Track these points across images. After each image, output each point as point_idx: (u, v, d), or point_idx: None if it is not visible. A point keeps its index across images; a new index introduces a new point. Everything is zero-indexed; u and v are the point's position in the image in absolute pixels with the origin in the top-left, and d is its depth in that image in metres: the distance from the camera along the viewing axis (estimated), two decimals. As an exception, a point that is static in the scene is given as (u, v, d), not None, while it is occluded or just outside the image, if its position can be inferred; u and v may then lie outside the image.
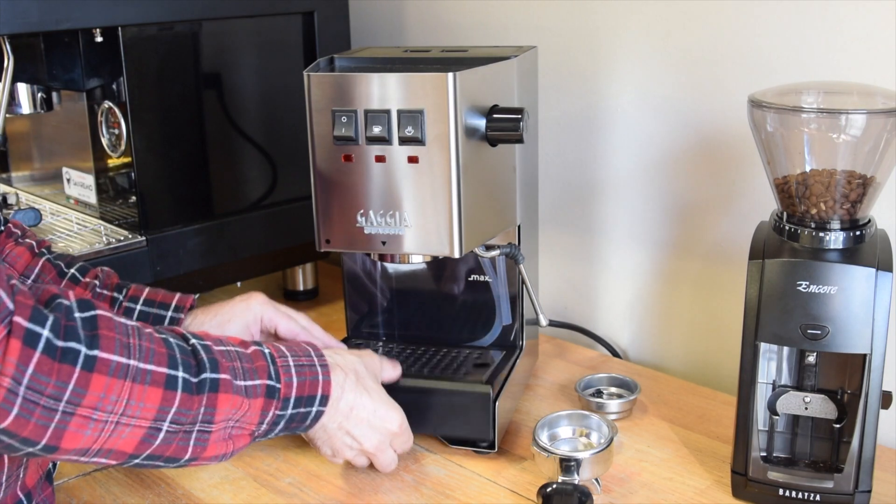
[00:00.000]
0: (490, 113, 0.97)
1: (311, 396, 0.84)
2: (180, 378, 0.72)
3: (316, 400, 0.84)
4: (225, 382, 0.75)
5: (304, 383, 0.83)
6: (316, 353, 0.87)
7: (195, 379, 0.73)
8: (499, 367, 1.08)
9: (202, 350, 0.75)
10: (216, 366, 0.75)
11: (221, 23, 1.28)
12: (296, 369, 0.83)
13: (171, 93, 1.25)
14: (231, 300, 1.04)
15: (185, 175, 1.29)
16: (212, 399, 0.74)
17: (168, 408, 0.71)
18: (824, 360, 0.93)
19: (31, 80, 1.30)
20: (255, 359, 0.80)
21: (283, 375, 0.81)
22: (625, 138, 1.29)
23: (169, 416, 0.71)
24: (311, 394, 0.84)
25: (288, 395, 0.82)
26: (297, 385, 0.82)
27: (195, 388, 0.73)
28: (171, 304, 1.00)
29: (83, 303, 0.68)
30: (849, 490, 0.90)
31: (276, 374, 0.81)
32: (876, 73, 1.03)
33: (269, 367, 0.81)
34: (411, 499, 0.97)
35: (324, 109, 0.96)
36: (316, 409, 0.84)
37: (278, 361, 0.82)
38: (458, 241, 0.96)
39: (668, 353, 1.32)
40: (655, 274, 1.31)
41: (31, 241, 1.01)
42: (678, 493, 0.97)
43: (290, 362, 0.83)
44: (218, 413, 0.75)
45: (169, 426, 0.72)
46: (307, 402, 0.83)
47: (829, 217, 0.90)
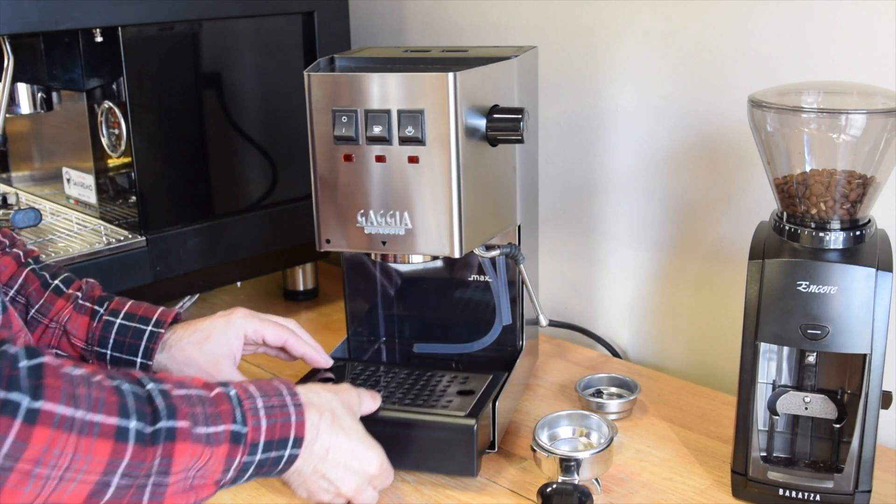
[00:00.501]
0: (490, 113, 0.97)
1: (282, 439, 0.78)
2: (132, 428, 0.67)
3: (288, 443, 0.79)
4: (183, 431, 0.70)
5: (274, 426, 0.78)
6: (289, 392, 0.81)
7: (150, 428, 0.69)
8: (485, 394, 1.02)
9: (159, 396, 0.71)
10: (174, 412, 0.71)
11: (221, 23, 1.28)
12: (265, 411, 0.77)
13: (171, 93, 1.25)
14: (212, 316, 1.01)
15: (185, 175, 1.29)
16: (168, 449, 0.69)
17: (119, 461, 0.67)
18: (824, 360, 0.93)
19: (31, 80, 1.30)
20: (219, 402, 0.75)
21: (250, 419, 0.76)
22: (625, 138, 1.29)
23: (119, 470, 0.67)
24: (283, 436, 0.78)
25: (256, 440, 0.76)
26: (266, 428, 0.77)
27: (149, 439, 0.68)
28: (151, 318, 0.98)
29: (30, 350, 0.65)
30: (849, 490, 0.90)
31: (242, 417, 0.76)
32: (876, 73, 1.03)
33: (234, 410, 0.75)
34: (411, 499, 0.97)
35: (324, 109, 0.96)
36: (289, 453, 0.79)
37: (245, 403, 0.77)
38: (458, 241, 0.96)
39: (668, 353, 1.32)
40: (655, 274, 1.31)
41: (18, 251, 1.00)
42: (678, 493, 0.97)
43: (259, 404, 0.77)
44: (175, 464, 0.70)
45: (120, 480, 0.67)
46: (278, 445, 0.78)
47: (829, 217, 0.90)
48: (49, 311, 0.98)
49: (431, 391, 1.04)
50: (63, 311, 0.98)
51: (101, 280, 1.19)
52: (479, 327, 1.18)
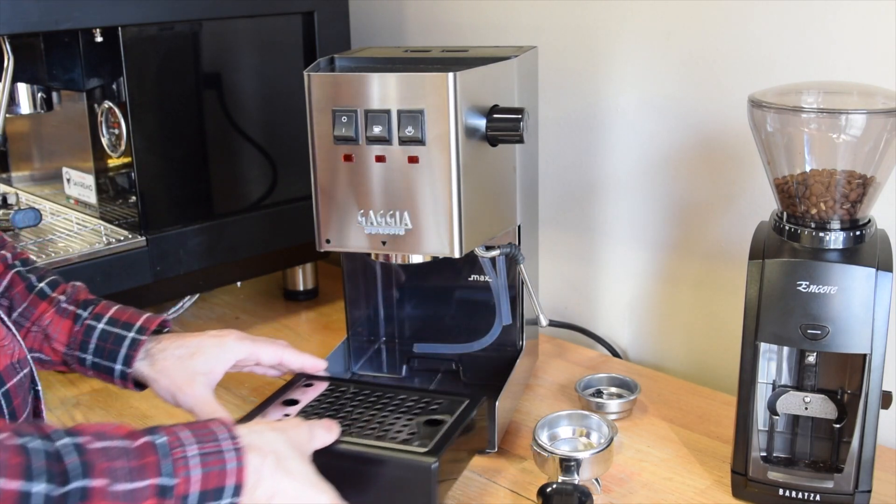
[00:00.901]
0: (490, 113, 0.97)
1: (218, 489, 0.71)
2: (38, 493, 0.62)
3: (226, 491, 0.72)
4: (99, 490, 0.65)
5: (209, 475, 0.71)
6: (228, 436, 0.74)
7: (60, 490, 0.63)
8: (454, 425, 0.91)
9: (73, 452, 0.65)
10: (89, 470, 0.65)
11: (221, 23, 1.28)
12: (200, 459, 0.71)
13: (171, 93, 1.25)
14: (203, 334, 0.98)
15: (185, 175, 1.29)
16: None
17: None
18: (824, 360, 0.93)
19: (31, 80, 1.30)
20: (144, 454, 0.69)
21: (180, 469, 0.70)
22: (625, 138, 1.29)
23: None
24: (220, 485, 0.71)
25: (187, 492, 0.70)
26: (200, 479, 0.70)
27: (59, 502, 0.63)
28: (135, 324, 0.95)
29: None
30: (849, 490, 0.90)
31: (171, 468, 0.69)
32: (876, 73, 1.03)
33: (160, 461, 0.69)
34: (411, 499, 0.97)
35: (324, 109, 0.96)
36: (228, 502, 0.72)
37: (175, 453, 0.70)
38: (458, 241, 0.96)
39: (668, 353, 1.32)
40: (655, 274, 1.31)
41: (5, 253, 0.98)
42: (678, 493, 0.97)
43: (193, 451, 0.71)
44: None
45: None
46: (215, 495, 0.71)
47: (829, 217, 0.90)
48: (32, 314, 0.96)
49: (398, 419, 0.94)
50: (45, 315, 0.96)
51: (101, 280, 1.19)
52: (479, 327, 1.18)
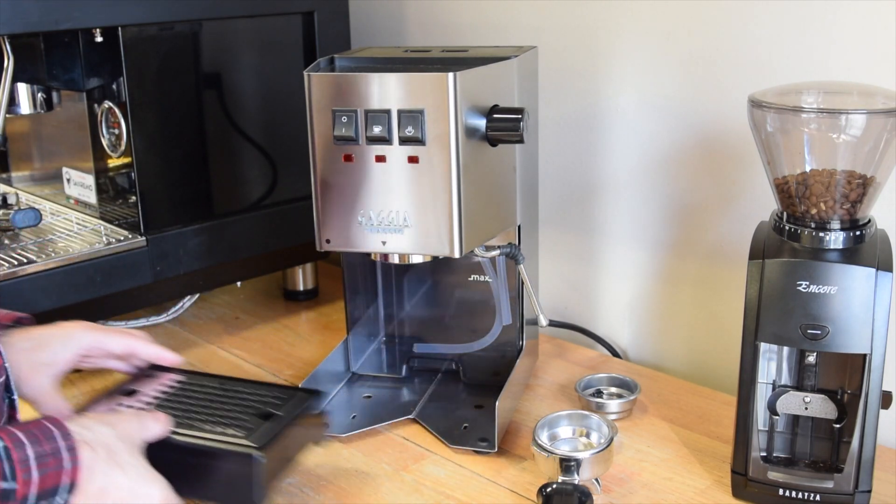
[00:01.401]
0: (490, 113, 0.97)
1: (54, 487, 0.72)
2: None
3: (61, 490, 0.72)
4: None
5: (46, 476, 0.71)
6: (62, 434, 0.74)
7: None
8: (285, 419, 0.92)
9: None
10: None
11: (221, 23, 1.28)
12: (37, 461, 0.71)
13: (171, 93, 1.25)
14: (51, 326, 0.96)
15: (185, 175, 1.29)
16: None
17: None
18: (824, 360, 0.93)
19: (31, 80, 1.30)
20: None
21: (20, 472, 0.70)
22: (625, 138, 1.29)
23: None
24: (55, 485, 0.72)
25: (26, 494, 0.70)
26: (38, 480, 0.71)
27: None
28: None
29: None
30: (849, 490, 0.90)
31: (11, 472, 0.70)
32: (876, 73, 1.03)
33: (2, 465, 0.70)
34: (411, 499, 0.97)
35: (324, 109, 0.96)
36: (62, 500, 0.73)
37: (14, 455, 0.70)
38: (458, 241, 0.96)
39: (668, 353, 1.32)
40: (655, 274, 1.31)
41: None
42: (678, 493, 0.97)
43: (30, 453, 0.71)
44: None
45: None
46: (50, 493, 0.72)
47: (829, 217, 0.90)
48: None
49: (234, 411, 0.93)
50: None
51: (101, 280, 1.19)
52: (479, 327, 1.19)
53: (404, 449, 1.06)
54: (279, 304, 1.53)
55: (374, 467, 1.03)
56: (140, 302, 1.33)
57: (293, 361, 1.30)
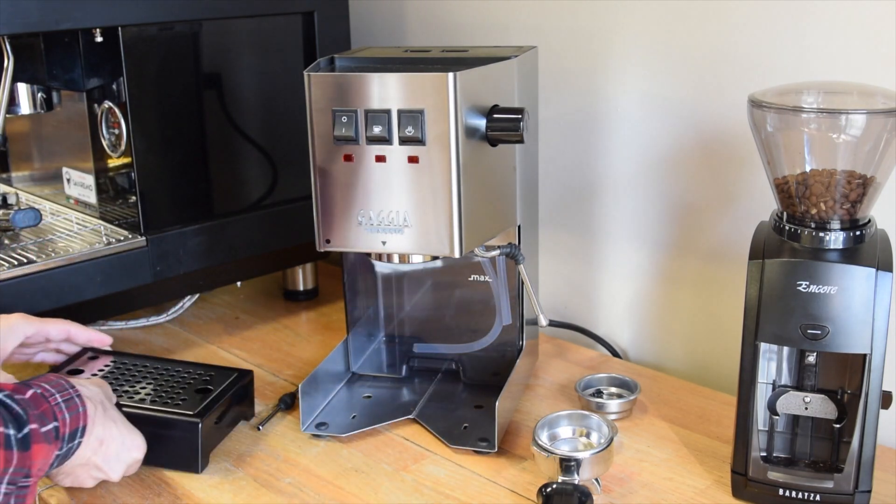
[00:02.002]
0: (490, 113, 0.97)
1: (75, 430, 0.80)
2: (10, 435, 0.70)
3: (79, 432, 0.81)
4: (36, 433, 0.72)
5: (73, 417, 0.80)
6: (69, 385, 0.83)
7: (20, 433, 0.71)
8: (220, 394, 1.05)
9: (11, 403, 0.73)
10: (27, 417, 0.73)
11: (221, 23, 1.28)
12: (65, 405, 0.80)
13: (171, 93, 1.25)
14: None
15: (185, 175, 1.29)
16: (31, 453, 0.72)
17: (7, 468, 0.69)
18: (824, 360, 0.93)
19: (31, 80, 1.30)
20: (38, 403, 0.77)
21: (58, 413, 0.78)
22: (625, 138, 1.29)
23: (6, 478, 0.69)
24: (75, 427, 0.80)
25: (65, 433, 0.78)
26: (70, 420, 0.79)
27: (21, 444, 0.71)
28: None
29: None
30: (849, 490, 0.90)
31: (54, 413, 0.78)
32: (876, 73, 1.03)
33: (51, 408, 0.78)
34: (411, 499, 0.97)
35: (324, 109, 0.96)
36: (77, 441, 0.81)
37: (51, 400, 0.78)
38: (458, 241, 0.96)
39: (668, 353, 1.32)
40: (655, 274, 1.31)
41: None
42: (678, 493, 0.97)
43: (59, 399, 0.79)
44: (35, 465, 0.72)
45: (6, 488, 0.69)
46: (72, 435, 0.80)
47: (829, 217, 0.90)
48: None
49: (174, 387, 1.07)
50: None
51: (101, 280, 1.19)
52: (479, 327, 1.19)
53: (404, 449, 1.06)
54: (279, 304, 1.53)
55: (374, 467, 1.03)
56: (140, 302, 1.33)
57: (293, 361, 1.30)
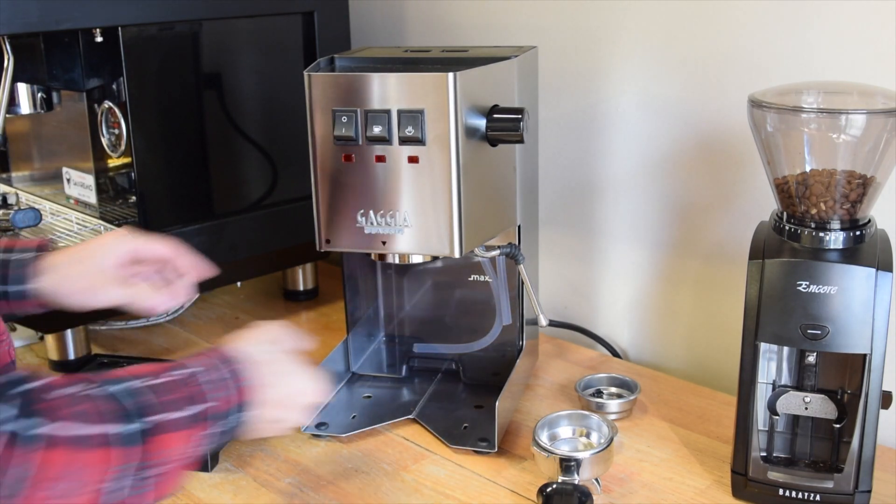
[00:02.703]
0: (490, 113, 0.97)
1: (236, 405, 0.81)
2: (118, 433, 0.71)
3: (242, 407, 0.82)
4: (165, 422, 0.74)
5: (228, 397, 0.80)
6: (231, 359, 0.83)
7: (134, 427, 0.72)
8: None
9: (135, 394, 0.74)
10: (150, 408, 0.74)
11: (221, 23, 1.28)
12: (216, 385, 0.80)
13: (171, 93, 1.25)
14: (94, 238, 1.00)
15: (185, 175, 1.29)
16: (152, 443, 0.72)
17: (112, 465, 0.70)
18: (824, 360, 0.93)
19: (31, 80, 1.30)
20: (188, 385, 0.78)
21: (209, 394, 0.79)
22: (625, 138, 1.29)
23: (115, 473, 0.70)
24: (237, 403, 0.81)
25: (217, 412, 0.79)
26: (223, 399, 0.80)
27: (137, 438, 0.71)
28: (32, 248, 0.97)
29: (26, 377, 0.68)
30: (849, 490, 0.90)
31: (204, 395, 0.79)
32: (876, 73, 1.03)
33: (198, 390, 0.78)
34: (411, 499, 0.97)
35: (324, 109, 0.96)
36: (242, 416, 0.82)
37: (199, 378, 0.79)
38: (458, 241, 0.96)
39: (668, 353, 1.32)
40: (655, 274, 1.31)
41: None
42: (678, 493, 0.97)
43: (212, 377, 0.80)
44: (162, 454, 0.73)
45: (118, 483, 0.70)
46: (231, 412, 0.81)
47: (829, 217, 0.90)
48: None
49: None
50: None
51: (101, 280, 1.19)
52: (479, 327, 1.19)
53: (404, 449, 1.06)
54: (279, 304, 1.53)
55: (374, 467, 1.03)
56: (140, 302, 1.33)
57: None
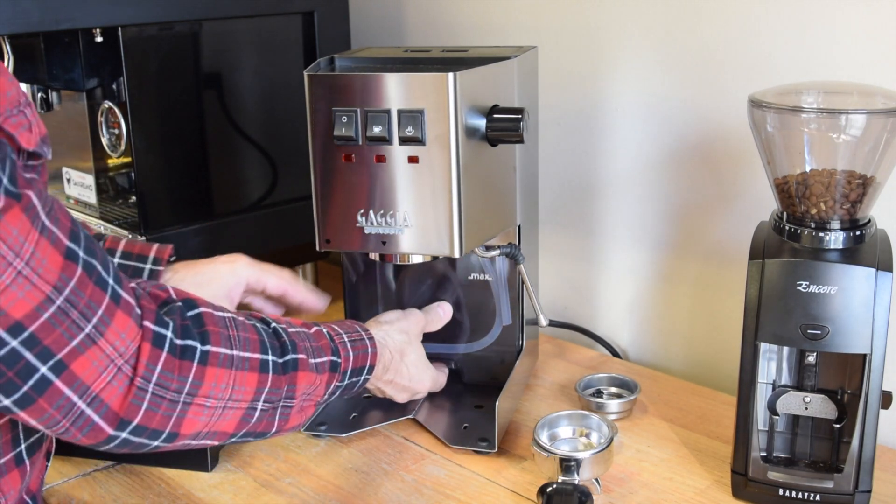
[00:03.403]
0: (490, 113, 0.97)
1: (362, 367, 0.91)
2: (270, 361, 0.79)
3: (365, 370, 0.91)
4: (303, 362, 0.81)
5: (358, 356, 0.90)
6: (363, 329, 0.94)
7: (281, 360, 0.79)
8: None
9: (282, 332, 0.81)
10: (295, 347, 0.81)
11: (221, 23, 1.28)
12: (351, 345, 0.90)
13: (171, 93, 1.25)
14: (213, 260, 1.04)
15: (185, 175, 1.29)
16: (293, 377, 0.80)
17: (262, 389, 0.78)
18: (824, 360, 0.93)
19: (31, 80, 1.30)
20: (318, 338, 0.86)
21: (342, 351, 0.88)
22: (625, 138, 1.29)
23: (263, 396, 0.78)
24: (362, 365, 0.91)
25: (346, 368, 0.88)
26: (353, 358, 0.89)
27: (282, 369, 0.79)
28: (148, 255, 0.99)
29: (188, 302, 0.75)
30: (849, 490, 0.90)
31: (335, 350, 0.87)
32: (876, 73, 1.03)
33: (330, 343, 0.87)
34: (411, 499, 0.97)
35: (324, 109, 0.96)
36: (364, 377, 0.92)
37: (336, 339, 0.88)
38: (458, 241, 0.96)
39: (668, 353, 1.32)
40: (655, 274, 1.31)
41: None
42: (678, 493, 0.97)
43: (346, 339, 0.90)
44: (298, 389, 0.81)
45: (262, 405, 0.78)
46: (359, 371, 0.91)
47: (829, 217, 0.90)
48: None
49: None
50: None
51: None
52: (479, 327, 1.18)
53: (404, 449, 1.06)
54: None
55: (374, 467, 1.03)
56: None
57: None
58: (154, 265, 0.99)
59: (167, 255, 1.00)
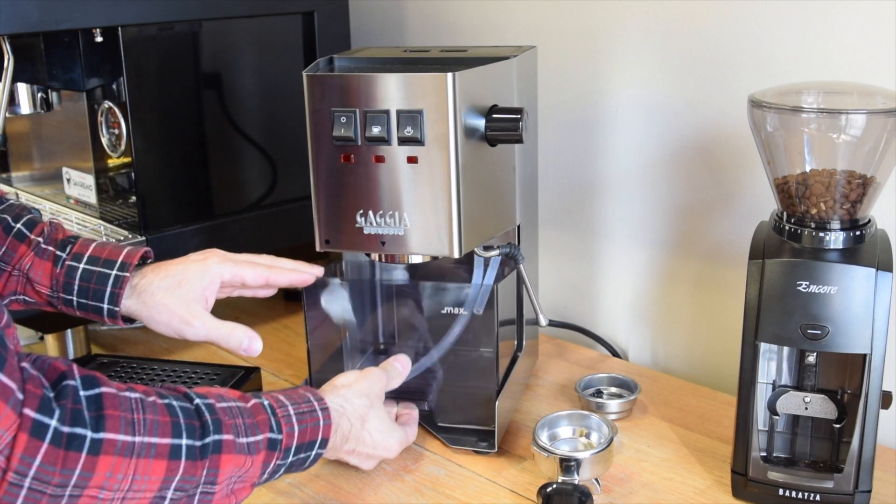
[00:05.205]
0: (489, 113, 0.97)
1: (311, 442, 0.84)
2: (184, 446, 0.72)
3: (316, 444, 0.85)
4: (228, 443, 0.75)
5: (305, 430, 0.83)
6: (315, 398, 0.86)
7: (199, 443, 0.73)
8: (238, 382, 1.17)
9: (206, 410, 0.75)
10: (219, 426, 0.75)
11: (221, 23, 1.28)
12: (297, 418, 0.83)
13: (171, 93, 1.25)
14: (185, 259, 0.99)
15: (185, 175, 1.29)
16: (215, 461, 0.74)
17: (172, 477, 0.71)
18: (824, 360, 0.93)
19: (31, 80, 1.30)
20: (256, 413, 0.80)
21: (284, 426, 0.81)
22: (625, 138, 1.29)
23: (173, 485, 0.72)
24: (312, 439, 0.84)
25: (289, 445, 0.82)
26: (298, 433, 0.82)
27: (199, 454, 0.73)
28: (116, 261, 0.95)
29: (88, 380, 0.68)
30: (849, 490, 0.90)
31: (277, 425, 0.81)
32: (876, 73, 1.03)
33: (269, 419, 0.80)
34: (411, 499, 0.97)
35: (323, 109, 0.96)
36: (315, 452, 0.85)
37: (279, 412, 0.82)
38: (457, 241, 0.96)
39: (668, 353, 1.32)
40: (655, 274, 1.31)
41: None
42: (678, 493, 0.97)
43: (291, 411, 0.83)
44: (221, 474, 0.75)
45: (174, 493, 0.72)
46: (307, 447, 0.84)
47: (829, 217, 0.90)
48: (11, 257, 0.95)
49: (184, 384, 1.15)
50: (25, 258, 0.95)
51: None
52: (478, 327, 1.18)
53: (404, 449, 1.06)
54: (279, 304, 1.53)
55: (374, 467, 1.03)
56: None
57: (293, 361, 1.30)
58: (120, 271, 0.94)
59: (136, 260, 0.96)
